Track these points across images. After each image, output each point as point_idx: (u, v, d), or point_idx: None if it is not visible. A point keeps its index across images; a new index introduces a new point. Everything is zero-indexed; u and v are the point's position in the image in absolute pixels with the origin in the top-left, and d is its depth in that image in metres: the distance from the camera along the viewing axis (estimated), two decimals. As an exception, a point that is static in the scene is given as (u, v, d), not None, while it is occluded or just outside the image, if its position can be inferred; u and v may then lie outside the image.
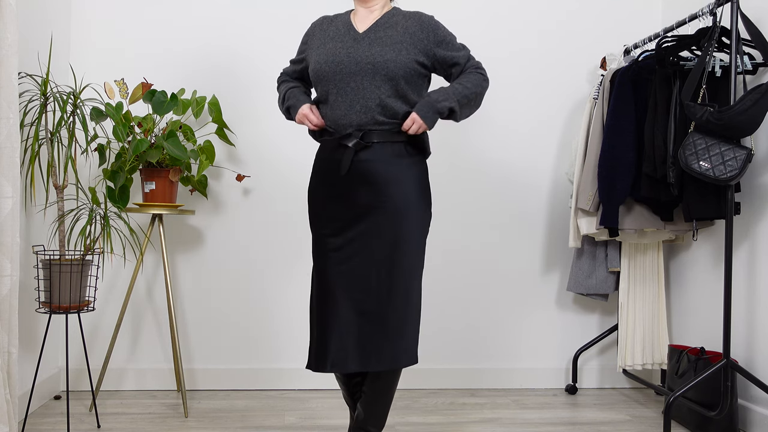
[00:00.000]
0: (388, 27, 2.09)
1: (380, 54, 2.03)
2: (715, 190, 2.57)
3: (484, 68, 2.16)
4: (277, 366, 3.18)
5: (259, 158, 3.18)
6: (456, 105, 2.05)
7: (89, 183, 3.03)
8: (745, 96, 2.36)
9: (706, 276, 2.96)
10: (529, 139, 3.33)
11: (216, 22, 3.18)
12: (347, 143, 2.04)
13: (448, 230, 3.27)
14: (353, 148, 2.03)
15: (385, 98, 2.03)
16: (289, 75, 2.30)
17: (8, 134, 2.12)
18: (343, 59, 2.05)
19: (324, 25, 2.19)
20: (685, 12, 2.98)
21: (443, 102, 2.04)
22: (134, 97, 2.77)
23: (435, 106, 2.03)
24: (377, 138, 2.05)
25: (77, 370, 3.02)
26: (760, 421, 2.57)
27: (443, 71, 2.15)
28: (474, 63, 2.14)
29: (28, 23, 2.66)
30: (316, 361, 2.06)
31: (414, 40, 2.07)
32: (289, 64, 2.31)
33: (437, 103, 2.04)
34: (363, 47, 2.05)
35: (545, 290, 3.35)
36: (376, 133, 2.05)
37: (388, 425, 2.59)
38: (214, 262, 3.17)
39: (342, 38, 2.10)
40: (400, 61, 2.03)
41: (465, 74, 2.12)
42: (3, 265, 2.12)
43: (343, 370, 2.03)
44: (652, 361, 3.08)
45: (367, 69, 2.02)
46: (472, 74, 2.11)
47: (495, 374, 3.29)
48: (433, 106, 2.03)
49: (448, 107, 2.04)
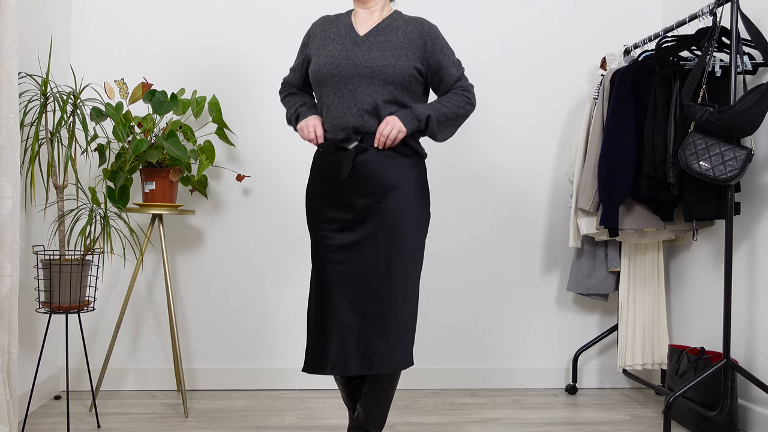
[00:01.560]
0: (388, 32, 2.09)
1: (379, 59, 2.03)
2: (715, 190, 2.57)
3: (472, 91, 2.15)
4: (277, 366, 3.18)
5: (259, 158, 3.18)
6: (434, 116, 2.05)
7: (89, 183, 3.03)
8: (745, 96, 2.36)
9: (706, 276, 2.96)
10: (529, 139, 3.33)
11: (216, 22, 3.18)
12: (347, 146, 2.04)
13: (448, 230, 3.27)
14: (353, 151, 2.04)
15: (381, 102, 2.04)
16: (292, 84, 2.28)
17: (8, 134, 2.12)
18: (342, 62, 2.05)
19: (325, 26, 2.18)
20: (685, 12, 2.98)
21: (422, 109, 2.05)
22: (134, 97, 2.77)
23: (414, 112, 2.05)
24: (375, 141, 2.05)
25: (77, 370, 3.02)
26: (760, 421, 2.57)
27: (433, 81, 2.14)
28: (463, 84, 2.14)
29: (28, 23, 2.66)
30: (314, 363, 2.04)
31: (413, 46, 2.07)
32: (289, 72, 2.30)
33: (416, 109, 2.05)
34: (362, 51, 2.05)
35: (545, 290, 3.35)
36: (373, 137, 2.05)
37: (388, 425, 2.59)
38: (214, 262, 3.17)
39: (342, 40, 2.09)
40: (399, 67, 2.03)
41: (450, 93, 2.12)
42: (3, 265, 2.12)
43: (344, 372, 2.01)
44: (652, 361, 3.08)
45: (365, 73, 2.03)
46: (457, 95, 2.12)
47: (495, 374, 3.29)
48: (412, 111, 2.05)
49: (426, 114, 2.05)
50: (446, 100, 2.11)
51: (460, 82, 2.14)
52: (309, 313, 2.12)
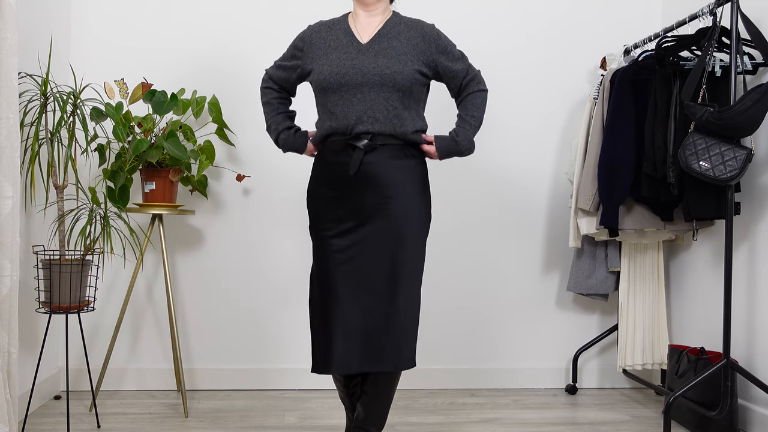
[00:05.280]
0: (391, 37, 2.11)
1: (387, 66, 2.05)
2: (715, 190, 2.57)
3: (481, 78, 2.22)
4: (277, 366, 3.18)
5: (259, 158, 3.18)
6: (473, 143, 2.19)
7: (89, 183, 3.03)
8: (745, 96, 2.36)
9: (706, 276, 2.96)
10: (529, 139, 3.33)
11: (216, 22, 3.18)
12: (357, 144, 2.06)
13: (448, 230, 3.27)
14: (363, 149, 2.05)
15: (392, 109, 2.06)
16: (275, 81, 2.26)
17: (8, 134, 2.12)
18: (349, 71, 2.06)
19: (322, 33, 2.17)
20: (685, 12, 2.98)
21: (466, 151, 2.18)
22: (134, 97, 2.77)
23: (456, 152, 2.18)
24: (381, 141, 2.08)
25: (77, 370, 3.02)
26: (760, 421, 2.57)
27: (442, 79, 2.20)
28: (472, 76, 2.19)
29: (28, 23, 2.66)
30: (322, 364, 2.05)
31: (417, 51, 2.10)
32: (275, 67, 2.27)
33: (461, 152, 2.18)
34: (369, 59, 2.07)
35: (545, 290, 3.35)
36: (380, 137, 2.08)
37: (388, 425, 2.60)
38: (214, 262, 3.17)
39: (345, 49, 2.10)
40: (407, 73, 2.06)
41: (470, 99, 2.19)
42: (3, 265, 2.12)
43: (349, 371, 2.02)
44: (652, 361, 3.08)
45: (374, 81, 2.04)
46: (477, 98, 2.19)
47: (495, 374, 3.29)
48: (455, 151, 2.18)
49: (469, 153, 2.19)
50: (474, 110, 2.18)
51: (468, 75, 2.19)
52: (312, 313, 2.12)
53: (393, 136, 2.08)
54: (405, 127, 2.08)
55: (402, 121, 2.08)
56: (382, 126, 2.06)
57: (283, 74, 2.24)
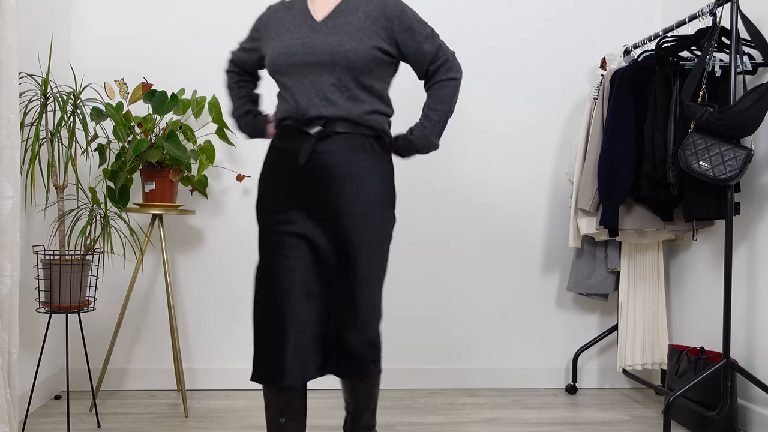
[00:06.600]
0: (347, 12, 1.91)
1: (338, 43, 1.86)
2: (715, 190, 2.57)
3: (455, 63, 1.99)
4: (277, 366, 3.18)
5: (259, 158, 3.18)
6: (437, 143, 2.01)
7: (89, 183, 3.03)
8: (745, 96, 2.36)
9: (706, 276, 2.96)
10: (529, 139, 3.33)
11: (216, 22, 3.18)
12: (308, 130, 1.88)
13: (447, 230, 3.27)
14: (314, 137, 1.88)
15: (345, 90, 1.88)
16: (237, 64, 2.14)
17: (8, 134, 2.13)
18: (299, 50, 1.89)
19: (279, 13, 2.01)
20: (685, 12, 2.99)
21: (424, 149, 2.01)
22: (134, 97, 2.77)
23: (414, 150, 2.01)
24: (341, 128, 1.89)
25: (77, 370, 3.02)
26: (760, 421, 2.57)
27: (407, 60, 1.99)
28: (443, 61, 1.97)
29: (28, 23, 2.66)
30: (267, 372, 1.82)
31: (377, 26, 1.90)
32: (239, 49, 2.14)
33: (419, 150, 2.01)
34: (320, 37, 1.89)
35: (545, 290, 3.35)
36: (340, 124, 1.89)
37: (389, 425, 2.60)
38: (214, 262, 3.17)
39: (298, 27, 1.93)
40: (362, 50, 1.86)
41: (435, 90, 1.98)
42: (3, 265, 2.12)
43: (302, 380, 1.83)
44: (652, 361, 3.08)
45: (325, 60, 1.86)
46: (444, 89, 1.97)
47: (495, 374, 3.29)
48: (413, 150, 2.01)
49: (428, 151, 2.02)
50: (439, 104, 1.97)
51: (438, 60, 1.97)
52: (255, 315, 1.88)
53: (349, 120, 1.89)
54: (362, 109, 1.90)
55: (359, 105, 1.90)
56: (336, 109, 1.87)
57: (245, 55, 2.12)
